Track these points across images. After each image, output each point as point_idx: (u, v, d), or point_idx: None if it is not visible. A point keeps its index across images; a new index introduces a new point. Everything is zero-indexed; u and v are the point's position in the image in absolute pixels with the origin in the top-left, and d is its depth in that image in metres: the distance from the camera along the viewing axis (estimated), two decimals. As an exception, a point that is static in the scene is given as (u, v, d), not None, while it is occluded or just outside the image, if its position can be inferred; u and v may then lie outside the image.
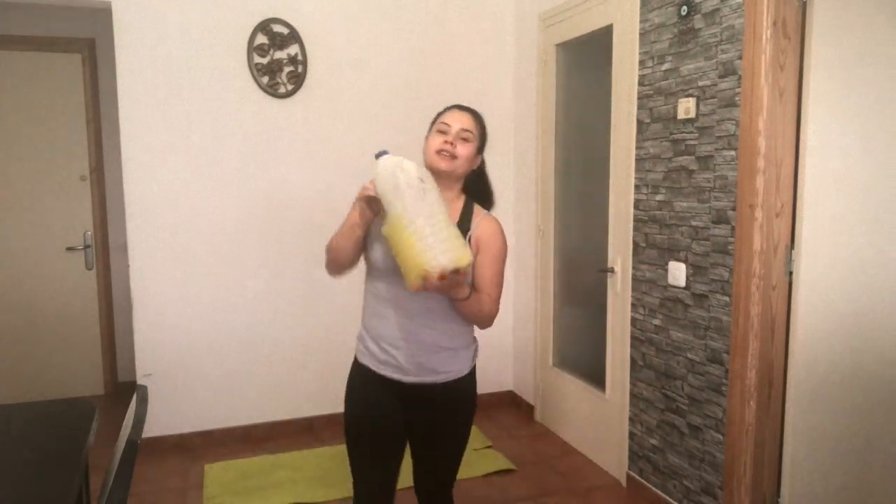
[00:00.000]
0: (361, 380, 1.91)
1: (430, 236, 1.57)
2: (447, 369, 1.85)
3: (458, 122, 1.81)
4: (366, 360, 1.89)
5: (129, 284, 3.38)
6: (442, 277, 1.55)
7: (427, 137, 1.85)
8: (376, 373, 1.86)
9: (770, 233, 2.30)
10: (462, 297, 1.72)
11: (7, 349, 4.08)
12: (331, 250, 1.86)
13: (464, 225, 1.80)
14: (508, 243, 1.89)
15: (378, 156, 1.68)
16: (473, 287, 1.77)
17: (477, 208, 1.86)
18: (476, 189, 1.91)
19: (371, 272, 1.87)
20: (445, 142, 1.77)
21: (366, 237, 1.82)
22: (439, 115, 1.88)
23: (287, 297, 3.62)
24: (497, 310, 1.82)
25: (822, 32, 2.25)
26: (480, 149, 1.88)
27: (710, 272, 2.52)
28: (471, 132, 1.82)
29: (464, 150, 1.79)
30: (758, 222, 2.28)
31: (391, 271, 1.75)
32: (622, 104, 2.98)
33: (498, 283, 1.83)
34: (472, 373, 1.93)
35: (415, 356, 1.81)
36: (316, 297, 3.65)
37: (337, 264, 1.87)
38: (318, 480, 3.12)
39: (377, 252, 1.81)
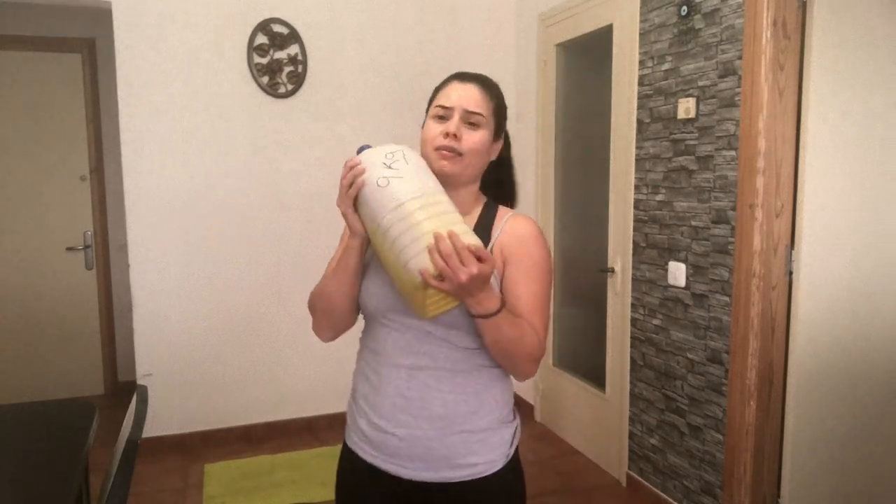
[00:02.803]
0: (349, 475, 1.37)
1: (399, 236, 1.13)
2: (473, 460, 1.27)
3: (460, 101, 1.27)
4: (353, 442, 1.35)
5: (129, 284, 3.38)
6: (440, 278, 1.09)
7: (423, 126, 1.33)
8: (368, 463, 1.31)
9: (770, 233, 2.30)
10: (486, 313, 1.15)
11: (7, 349, 4.07)
12: (320, 298, 1.33)
13: (483, 236, 1.28)
14: None
15: (360, 151, 1.25)
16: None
17: (502, 210, 1.37)
18: (492, 182, 1.40)
19: (365, 319, 1.38)
20: (446, 134, 1.25)
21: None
22: (437, 90, 1.34)
23: (287, 297, 3.62)
24: (543, 350, 1.26)
25: (822, 32, 2.25)
26: (498, 131, 1.34)
27: (710, 272, 2.52)
28: (480, 114, 1.27)
29: (472, 142, 1.27)
30: (758, 222, 2.28)
31: (387, 308, 1.28)
32: (622, 104, 2.98)
33: (540, 309, 1.26)
34: (515, 463, 1.34)
35: (421, 438, 1.25)
36: (316, 297, 3.64)
37: (330, 316, 1.33)
38: (318, 480, 3.12)
39: (367, 285, 1.31)
